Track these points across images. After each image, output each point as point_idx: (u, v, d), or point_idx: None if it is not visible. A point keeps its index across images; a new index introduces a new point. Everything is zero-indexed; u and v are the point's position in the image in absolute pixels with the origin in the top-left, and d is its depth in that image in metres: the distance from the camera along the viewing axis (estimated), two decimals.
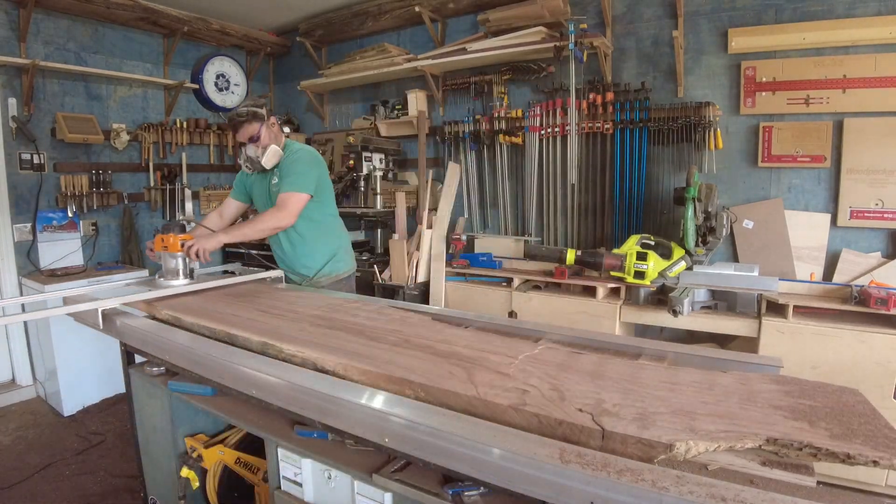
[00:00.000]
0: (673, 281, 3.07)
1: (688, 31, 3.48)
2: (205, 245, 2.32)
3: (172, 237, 2.28)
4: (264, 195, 2.75)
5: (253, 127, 2.56)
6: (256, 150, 2.60)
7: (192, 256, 2.32)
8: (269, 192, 2.71)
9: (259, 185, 2.79)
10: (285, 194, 2.54)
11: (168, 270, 2.35)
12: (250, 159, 2.62)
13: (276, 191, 2.63)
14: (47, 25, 4.09)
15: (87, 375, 3.86)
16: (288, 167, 2.60)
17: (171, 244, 2.29)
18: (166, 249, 2.31)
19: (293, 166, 2.60)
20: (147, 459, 2.12)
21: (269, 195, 2.71)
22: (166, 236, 2.29)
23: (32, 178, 4.02)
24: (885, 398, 2.51)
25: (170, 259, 2.33)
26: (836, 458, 0.91)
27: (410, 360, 1.39)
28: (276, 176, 2.65)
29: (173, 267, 2.34)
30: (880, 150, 3.01)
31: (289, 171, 2.59)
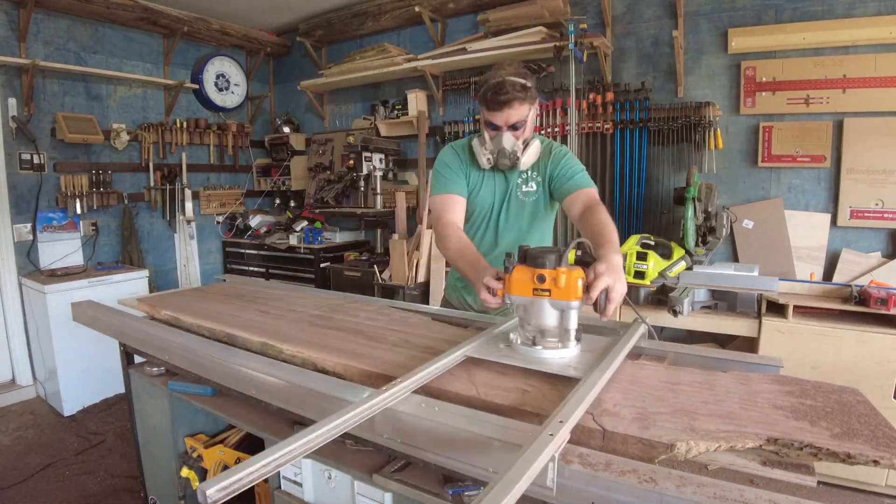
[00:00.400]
0: (673, 281, 3.07)
1: (688, 31, 3.49)
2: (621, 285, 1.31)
3: (566, 274, 1.24)
4: (493, 198, 2.02)
5: (525, 109, 1.82)
6: (517, 142, 1.87)
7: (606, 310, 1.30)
8: (507, 198, 2.01)
9: (490, 185, 2.02)
10: (591, 190, 1.86)
11: (541, 331, 1.33)
12: (503, 152, 1.87)
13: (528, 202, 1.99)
14: (47, 25, 4.09)
15: (88, 375, 3.86)
16: (566, 162, 1.93)
17: (570, 286, 1.25)
18: (548, 295, 1.27)
19: (570, 159, 1.96)
20: (147, 459, 2.12)
21: (506, 201, 2.01)
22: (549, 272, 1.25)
23: (32, 178, 4.02)
24: (886, 398, 2.51)
25: (550, 312, 1.30)
26: (836, 457, 0.90)
27: (411, 361, 1.39)
28: (531, 182, 1.98)
29: (554, 327, 1.32)
30: (880, 150, 3.01)
31: (571, 165, 1.92)
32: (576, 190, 1.85)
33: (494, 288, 1.38)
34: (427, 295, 3.93)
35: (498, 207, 2.01)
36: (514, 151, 1.87)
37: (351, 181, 4.58)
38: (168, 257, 5.03)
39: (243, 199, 5.59)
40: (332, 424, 0.92)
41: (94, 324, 2.02)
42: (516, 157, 1.87)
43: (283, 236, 4.96)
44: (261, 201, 5.72)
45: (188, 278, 5.10)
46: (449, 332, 1.68)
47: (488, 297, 1.39)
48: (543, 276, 1.25)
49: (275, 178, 5.50)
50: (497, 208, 2.02)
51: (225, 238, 5.44)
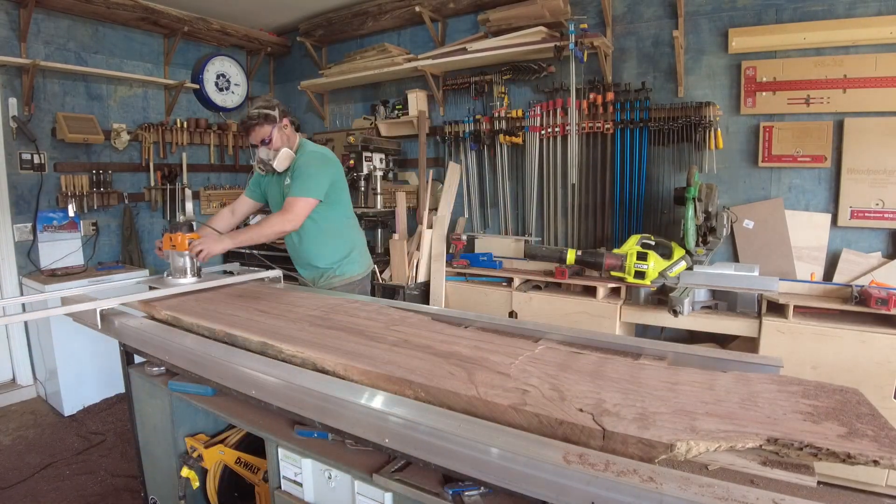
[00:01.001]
0: (673, 281, 3.07)
1: (688, 30, 3.48)
2: (210, 248, 2.33)
3: (181, 236, 2.30)
4: (278, 196, 2.73)
5: (265, 130, 2.54)
6: (269, 152, 2.58)
7: (199, 257, 2.34)
8: (282, 194, 2.68)
9: (274, 186, 2.76)
10: (292, 198, 2.52)
11: (176, 269, 2.37)
12: (262, 161, 2.61)
13: (290, 190, 2.60)
14: (48, 25, 4.09)
15: (88, 375, 3.86)
16: (299, 170, 2.56)
17: (180, 243, 2.31)
18: (174, 248, 2.33)
19: (304, 169, 2.55)
20: (147, 459, 2.12)
21: (282, 196, 2.68)
22: (174, 235, 2.31)
23: (33, 177, 4.02)
24: (886, 398, 2.50)
25: (178, 258, 2.35)
26: (836, 457, 0.90)
27: (410, 361, 1.39)
28: (287, 177, 2.63)
29: (181, 266, 2.36)
30: (881, 150, 3.01)
31: (299, 174, 2.55)
32: (287, 195, 2.56)
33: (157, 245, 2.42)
34: (427, 295, 3.93)
35: (279, 199, 2.70)
36: (268, 159, 2.59)
37: (351, 181, 4.57)
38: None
39: None
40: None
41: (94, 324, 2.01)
42: (270, 162, 2.59)
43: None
44: None
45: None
46: (447, 332, 1.68)
47: (157, 252, 2.45)
48: (171, 238, 2.32)
49: None
50: (278, 199, 2.70)
51: None
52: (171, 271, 2.39)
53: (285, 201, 2.55)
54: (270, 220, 2.52)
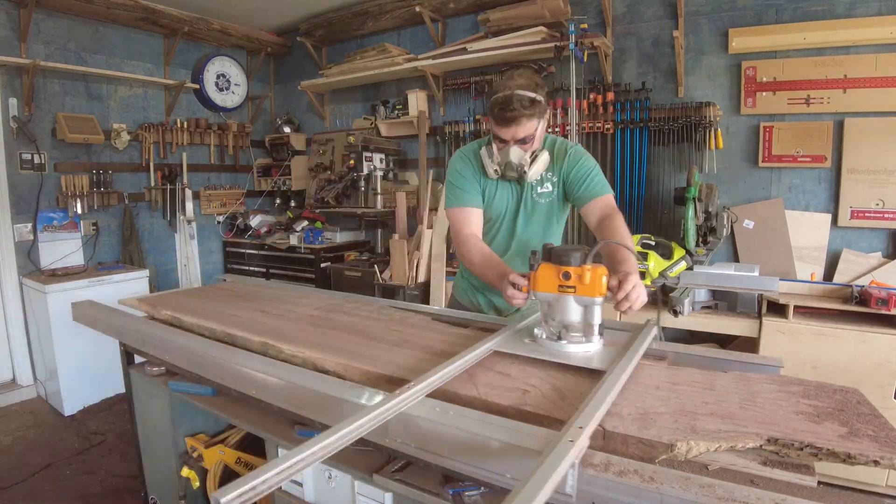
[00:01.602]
0: (673, 281, 3.07)
1: (688, 31, 3.48)
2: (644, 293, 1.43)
3: (591, 271, 1.31)
4: (507, 205, 2.00)
5: (532, 124, 1.78)
6: (524, 155, 1.83)
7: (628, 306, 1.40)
8: (521, 204, 1.98)
9: (505, 194, 1.99)
10: (610, 197, 1.88)
11: (565, 325, 1.38)
12: (510, 165, 1.84)
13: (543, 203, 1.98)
14: (48, 25, 4.09)
15: (88, 375, 3.86)
16: (580, 164, 1.90)
17: (594, 283, 1.32)
18: (573, 291, 1.34)
19: (588, 161, 1.92)
20: (147, 459, 2.12)
21: (521, 207, 1.99)
22: (575, 269, 1.32)
23: (33, 178, 4.02)
24: (886, 398, 2.51)
25: (575, 308, 1.37)
26: (837, 457, 0.90)
27: (411, 361, 1.39)
28: (547, 183, 1.95)
29: (578, 322, 1.38)
30: (881, 151, 3.01)
31: (586, 168, 1.90)
32: (593, 198, 1.86)
33: (520, 284, 1.44)
34: (427, 295, 3.93)
35: (514, 211, 2.00)
36: (521, 165, 1.84)
37: (351, 181, 4.57)
38: (169, 257, 5.03)
39: (244, 198, 5.59)
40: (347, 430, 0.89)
41: (95, 324, 2.02)
42: (523, 170, 1.84)
43: (283, 236, 4.97)
44: (261, 201, 5.72)
45: (189, 278, 5.11)
46: (449, 332, 1.68)
47: (515, 293, 1.46)
48: (569, 273, 1.32)
49: (275, 178, 5.50)
50: (513, 212, 2.00)
51: (225, 238, 5.44)
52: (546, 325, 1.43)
53: (609, 201, 1.86)
54: (628, 231, 1.75)
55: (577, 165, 1.90)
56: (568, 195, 1.96)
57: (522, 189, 1.97)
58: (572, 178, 1.90)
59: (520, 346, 1.42)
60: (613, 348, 1.40)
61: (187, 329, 1.83)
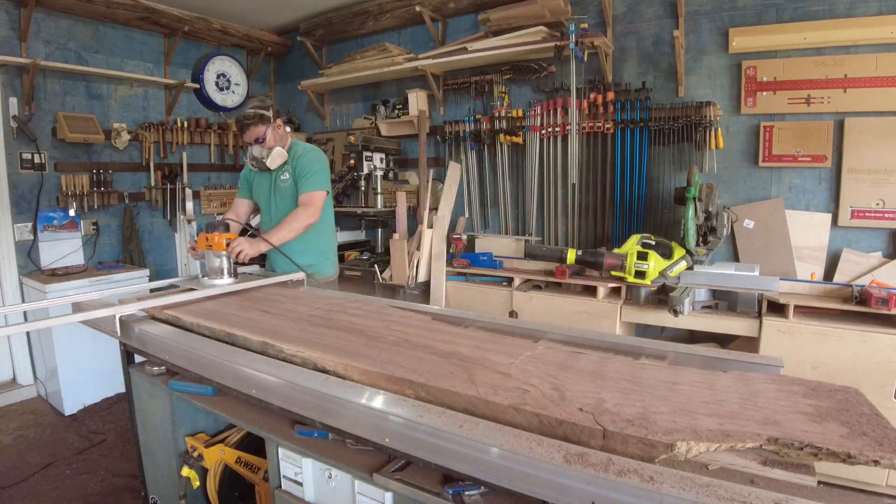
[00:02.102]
0: (673, 281, 3.07)
1: (688, 30, 3.48)
2: (249, 249, 2.41)
3: (218, 236, 2.31)
4: (266, 192, 2.89)
5: (259, 129, 2.69)
6: (262, 150, 2.73)
7: (238, 258, 2.39)
8: (272, 190, 2.85)
9: (262, 183, 2.91)
10: (309, 193, 2.70)
11: (212, 270, 2.36)
12: (256, 159, 2.75)
13: (284, 187, 2.79)
14: (48, 25, 4.09)
15: (88, 375, 3.86)
16: (304, 167, 2.74)
17: (217, 243, 2.32)
18: (211, 248, 2.33)
19: (310, 166, 2.75)
20: (148, 459, 2.12)
21: (272, 192, 2.86)
22: (211, 235, 2.32)
23: (33, 177, 4.02)
24: (886, 398, 2.50)
25: (214, 258, 2.35)
26: (836, 457, 0.90)
27: (411, 360, 1.39)
28: (285, 173, 2.80)
29: (217, 266, 2.35)
30: (881, 150, 3.01)
31: (306, 170, 2.73)
32: (300, 191, 2.72)
33: (191, 245, 2.48)
34: (427, 294, 3.93)
35: (268, 193, 2.88)
36: (261, 157, 2.73)
37: (351, 181, 4.57)
38: (169, 257, 5.03)
39: None
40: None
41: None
42: (263, 160, 2.73)
43: None
44: None
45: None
46: (448, 332, 1.69)
47: (190, 251, 2.52)
48: (207, 238, 2.33)
49: None
50: (268, 195, 2.89)
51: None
52: (205, 272, 2.40)
53: (302, 196, 2.70)
54: (297, 217, 2.65)
55: (300, 165, 2.75)
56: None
57: (272, 178, 2.85)
58: (296, 173, 2.75)
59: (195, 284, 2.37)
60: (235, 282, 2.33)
61: (187, 329, 1.83)
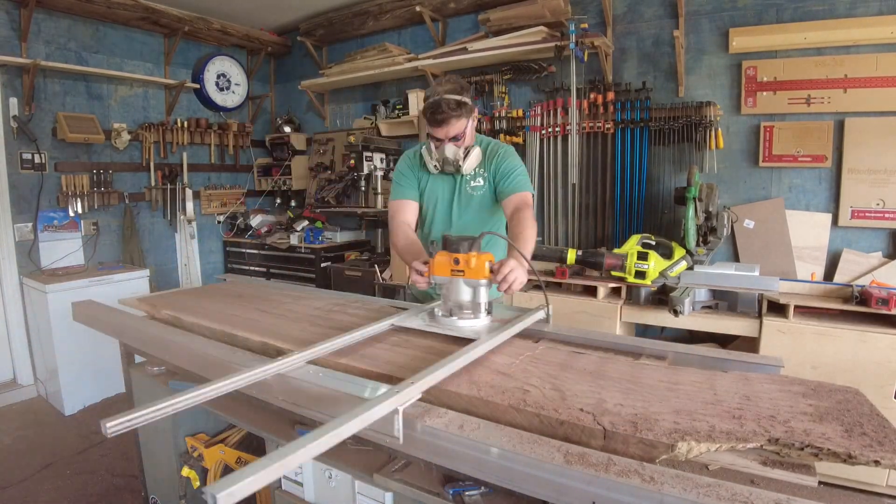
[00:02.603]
0: (674, 281, 3.07)
1: (689, 30, 3.48)
2: (522, 277, 1.61)
3: (476, 257, 1.55)
4: (447, 198, 2.26)
5: (461, 123, 2.05)
6: (458, 151, 2.10)
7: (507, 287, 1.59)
8: (459, 196, 2.24)
9: (439, 186, 2.26)
10: (526, 193, 2.10)
11: (457, 304, 1.62)
12: (447, 161, 2.11)
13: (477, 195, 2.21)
14: (48, 25, 4.09)
15: (88, 375, 3.86)
16: (507, 163, 2.15)
17: (478, 268, 1.56)
18: (462, 274, 1.58)
19: (514, 162, 2.17)
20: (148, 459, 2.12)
21: (459, 199, 2.24)
22: (465, 256, 1.56)
23: (33, 177, 4.02)
24: (886, 398, 2.50)
25: (465, 289, 1.61)
26: (837, 457, 0.90)
27: (410, 360, 1.39)
28: (478, 178, 2.21)
29: (468, 301, 1.62)
30: (881, 150, 3.01)
31: (511, 167, 2.14)
32: (510, 193, 2.10)
33: (421, 270, 1.68)
34: None
35: (449, 201, 2.26)
36: (456, 160, 2.10)
37: (352, 181, 4.57)
38: (169, 257, 5.03)
39: (244, 198, 5.59)
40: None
41: (95, 323, 2.02)
42: (458, 164, 2.11)
43: (283, 236, 4.97)
44: (261, 201, 5.72)
45: (189, 278, 5.11)
46: None
47: (417, 279, 1.70)
48: (458, 259, 1.56)
49: (275, 178, 5.50)
50: (448, 202, 2.26)
51: (226, 238, 5.44)
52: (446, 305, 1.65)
53: (523, 197, 2.08)
54: (531, 223, 1.99)
55: (504, 164, 2.15)
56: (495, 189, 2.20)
57: (456, 182, 2.23)
58: (499, 174, 2.15)
59: (417, 322, 1.65)
60: (498, 323, 1.61)
61: (187, 328, 1.83)
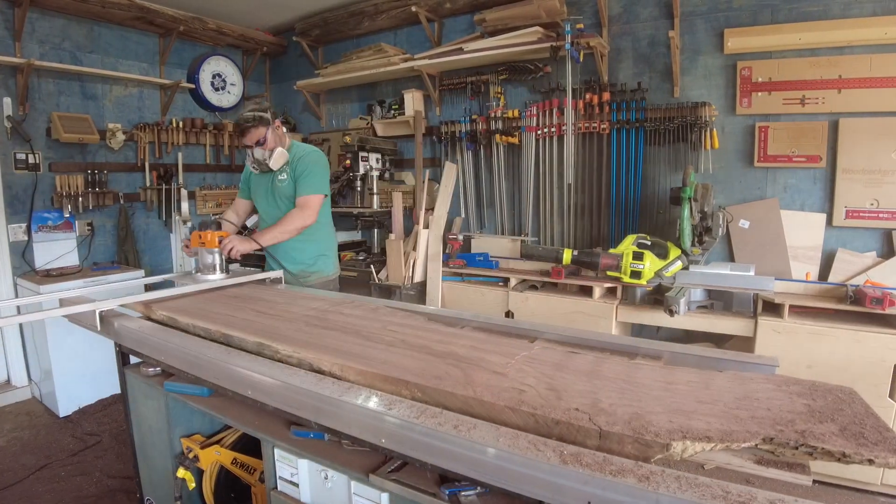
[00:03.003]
0: (669, 280, 3.08)
1: (684, 31, 3.49)
2: (239, 247, 2.52)
3: (211, 234, 2.45)
4: (267, 193, 2.91)
5: (259, 131, 2.71)
6: (264, 152, 2.75)
7: (229, 255, 2.50)
8: (271, 190, 2.88)
9: (261, 184, 2.94)
10: (307, 196, 2.75)
11: (205, 266, 2.49)
12: (258, 161, 2.78)
13: (282, 187, 2.82)
14: (42, 25, 4.07)
15: (83, 376, 3.85)
16: (303, 169, 2.77)
17: (210, 241, 2.45)
18: (204, 246, 2.47)
19: (310, 168, 2.78)
20: (143, 460, 2.11)
21: (271, 192, 2.88)
22: (204, 233, 2.46)
23: (27, 178, 4.00)
24: (881, 397, 2.51)
25: (207, 255, 2.48)
26: (831, 456, 0.91)
27: (407, 361, 1.39)
28: (283, 174, 2.82)
29: (210, 262, 2.49)
30: (875, 151, 3.02)
31: (305, 172, 2.76)
32: (299, 195, 2.77)
33: (187, 243, 2.57)
34: (423, 295, 3.92)
35: (268, 195, 2.91)
36: (264, 159, 2.76)
37: (347, 181, 4.57)
38: (164, 257, 5.01)
39: None
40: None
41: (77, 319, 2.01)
42: (265, 162, 2.76)
43: None
44: None
45: None
46: (443, 332, 1.68)
47: (184, 249, 2.63)
48: (200, 236, 2.47)
49: None
50: (267, 196, 2.91)
51: None
52: (198, 268, 2.53)
53: (300, 199, 2.75)
54: (292, 218, 2.72)
55: (302, 168, 2.77)
56: None
57: (271, 178, 2.87)
58: (296, 176, 2.78)
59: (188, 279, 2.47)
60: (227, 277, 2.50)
61: (182, 329, 1.83)
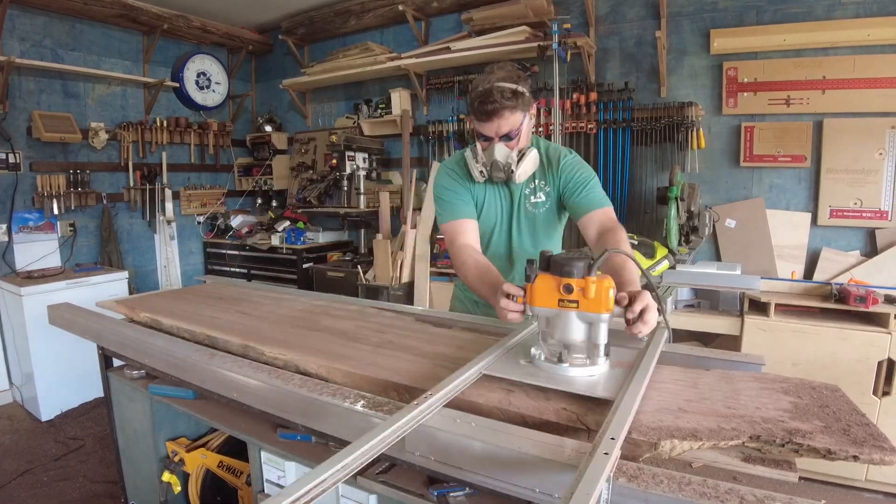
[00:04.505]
0: (656, 280, 3.09)
1: (671, 31, 3.51)
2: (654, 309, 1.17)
3: (598, 282, 1.12)
4: (504, 214, 1.87)
5: (516, 117, 1.65)
6: (510, 153, 1.70)
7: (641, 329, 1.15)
8: (515, 212, 1.85)
9: (496, 197, 1.87)
10: (609, 209, 1.72)
11: (568, 345, 1.19)
12: (496, 165, 1.70)
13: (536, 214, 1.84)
14: (23, 22, 4.00)
15: (66, 379, 3.78)
16: (581, 177, 1.76)
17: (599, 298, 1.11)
18: (574, 307, 1.14)
19: (583, 169, 1.78)
20: (127, 464, 2.08)
21: (515, 215, 1.86)
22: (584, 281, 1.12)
23: (8, 177, 3.93)
24: (865, 394, 2.54)
25: (579, 325, 1.17)
26: (817, 453, 0.91)
27: (394, 362, 1.38)
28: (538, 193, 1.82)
29: (581, 341, 1.19)
30: (859, 151, 3.06)
31: (586, 179, 1.75)
32: (592, 209, 1.70)
33: (515, 295, 1.23)
34: (411, 295, 3.91)
35: (506, 224, 1.86)
36: (508, 164, 1.69)
37: (334, 181, 4.55)
38: (148, 258, 4.95)
39: (224, 198, 5.52)
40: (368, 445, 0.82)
41: (71, 327, 1.97)
42: (510, 169, 1.70)
43: (264, 237, 4.91)
44: (242, 201, 5.66)
45: (169, 280, 5.03)
46: (431, 333, 1.68)
47: (508, 304, 1.23)
48: (571, 286, 1.12)
49: (256, 178, 5.45)
50: (506, 225, 1.86)
51: (206, 239, 5.37)
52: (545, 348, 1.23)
53: (608, 215, 1.70)
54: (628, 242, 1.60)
55: (576, 175, 1.75)
56: (564, 204, 1.80)
57: (513, 198, 1.84)
58: (570, 186, 1.75)
59: (514, 370, 1.22)
60: (621, 369, 1.21)
61: (167, 331, 1.80)
